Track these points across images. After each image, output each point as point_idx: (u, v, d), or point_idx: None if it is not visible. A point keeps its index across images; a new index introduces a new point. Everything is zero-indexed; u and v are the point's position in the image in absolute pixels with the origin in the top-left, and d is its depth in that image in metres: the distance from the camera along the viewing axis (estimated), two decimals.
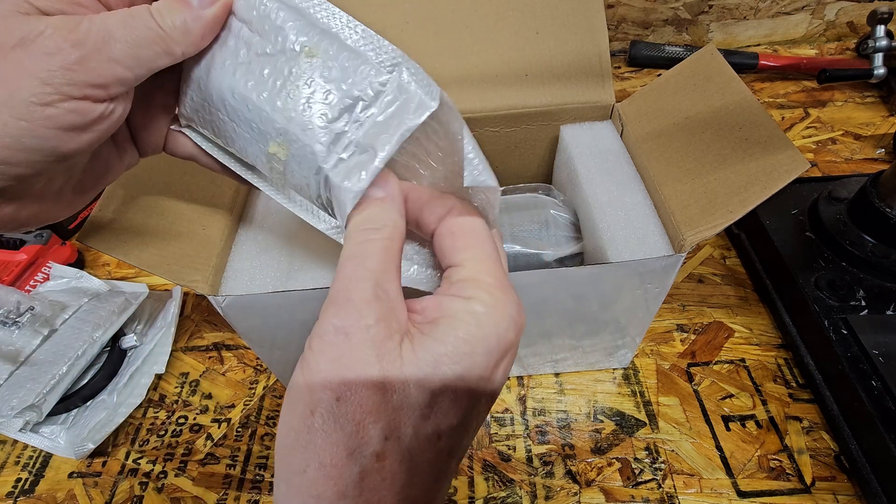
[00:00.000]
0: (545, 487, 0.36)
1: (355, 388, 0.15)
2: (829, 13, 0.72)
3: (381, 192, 0.18)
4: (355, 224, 0.18)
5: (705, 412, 0.39)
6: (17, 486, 0.39)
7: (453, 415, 0.17)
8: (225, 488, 0.38)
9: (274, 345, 0.36)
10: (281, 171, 0.21)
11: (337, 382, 0.15)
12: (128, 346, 0.44)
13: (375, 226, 0.18)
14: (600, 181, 0.36)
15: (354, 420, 0.15)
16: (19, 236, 0.51)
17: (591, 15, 0.39)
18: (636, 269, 0.31)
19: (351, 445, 0.15)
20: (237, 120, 0.21)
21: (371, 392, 0.15)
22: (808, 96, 0.66)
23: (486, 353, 0.17)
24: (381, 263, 0.17)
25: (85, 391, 0.41)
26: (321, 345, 0.16)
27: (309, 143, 0.19)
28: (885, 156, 0.57)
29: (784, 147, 0.29)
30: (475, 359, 0.17)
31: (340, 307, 0.16)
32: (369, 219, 0.18)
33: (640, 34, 0.76)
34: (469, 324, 0.17)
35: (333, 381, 0.15)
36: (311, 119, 0.19)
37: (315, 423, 0.15)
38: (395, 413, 0.16)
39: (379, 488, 0.16)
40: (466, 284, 0.18)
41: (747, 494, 0.35)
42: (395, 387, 0.16)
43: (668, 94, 0.37)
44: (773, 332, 0.44)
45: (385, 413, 0.16)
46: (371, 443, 0.15)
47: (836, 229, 0.43)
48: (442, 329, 0.17)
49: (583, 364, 0.42)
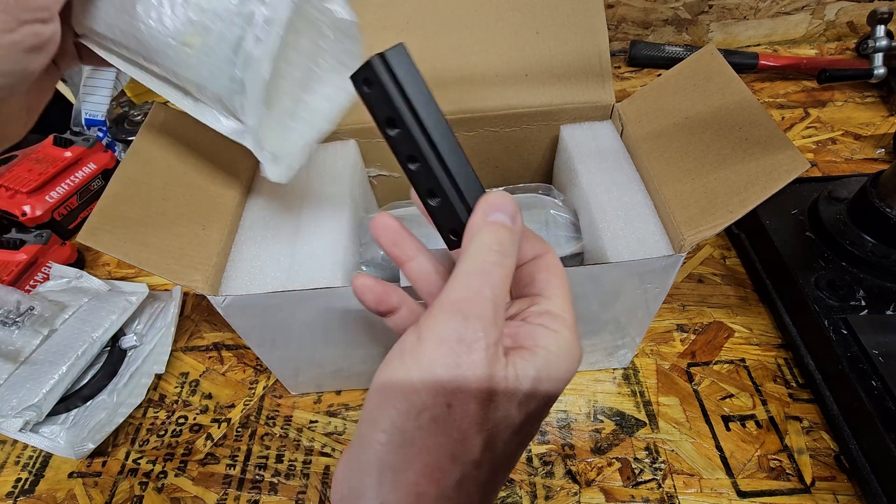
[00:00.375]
0: (545, 487, 0.36)
1: (467, 398, 0.16)
2: (829, 13, 0.72)
3: (510, 223, 0.20)
4: (487, 243, 0.19)
5: (705, 412, 0.39)
6: (17, 486, 0.39)
7: (529, 433, 0.19)
8: (225, 488, 0.38)
9: (274, 345, 0.36)
10: (192, 63, 0.23)
11: (451, 389, 0.16)
12: (128, 346, 0.44)
13: (505, 253, 0.19)
14: (600, 181, 0.36)
15: (461, 428, 0.17)
16: (19, 236, 0.51)
17: (591, 15, 0.39)
18: (636, 269, 0.31)
19: (455, 451, 0.17)
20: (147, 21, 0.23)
21: (480, 405, 0.17)
22: (808, 96, 0.66)
23: (563, 385, 0.19)
24: (501, 290, 0.18)
25: (85, 391, 0.41)
26: (440, 349, 0.17)
27: (224, 28, 0.22)
28: (885, 156, 0.57)
29: (784, 147, 0.29)
30: (557, 389, 0.19)
31: (469, 320, 0.17)
32: (501, 243, 0.19)
33: (640, 34, 0.76)
34: (560, 358, 0.19)
35: (448, 387, 0.16)
36: (225, 6, 0.22)
37: (422, 423, 0.16)
38: (496, 427, 0.17)
39: (471, 493, 0.17)
40: (556, 318, 0.20)
41: (747, 494, 0.35)
42: (500, 404, 0.17)
43: (668, 94, 0.37)
44: (773, 332, 0.44)
45: (487, 426, 0.17)
46: (473, 451, 0.17)
47: (836, 229, 0.43)
48: (540, 360, 0.18)
49: (583, 364, 0.42)
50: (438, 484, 0.16)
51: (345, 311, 0.32)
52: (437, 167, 0.19)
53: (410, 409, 0.16)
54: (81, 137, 0.58)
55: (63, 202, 0.55)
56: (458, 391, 0.16)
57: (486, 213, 0.19)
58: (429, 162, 0.19)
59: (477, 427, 0.17)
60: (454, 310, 0.17)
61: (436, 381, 0.16)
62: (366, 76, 0.18)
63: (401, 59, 0.18)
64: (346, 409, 0.42)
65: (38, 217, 0.53)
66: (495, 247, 0.19)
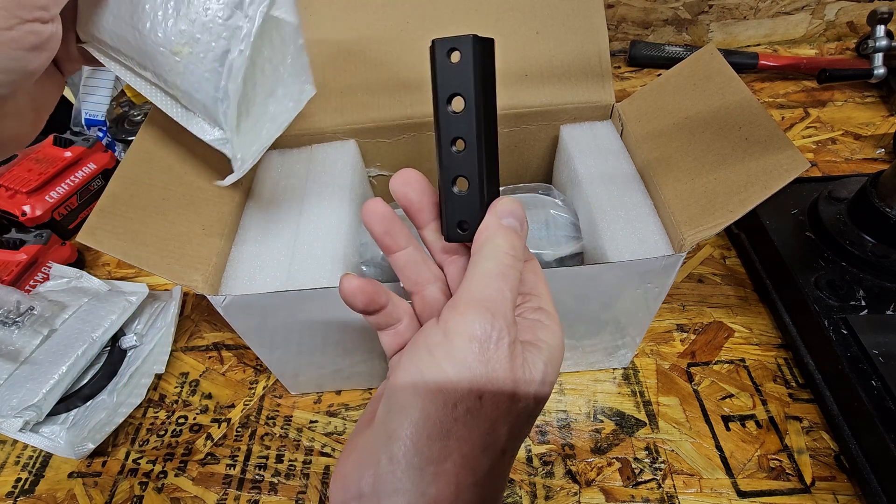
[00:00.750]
0: (545, 487, 0.36)
1: (496, 391, 0.18)
2: (829, 13, 0.72)
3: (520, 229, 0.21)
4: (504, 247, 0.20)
5: (705, 412, 0.39)
6: (17, 486, 0.39)
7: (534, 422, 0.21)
8: (225, 488, 0.38)
9: (274, 345, 0.36)
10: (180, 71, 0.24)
11: (483, 381, 0.17)
12: (128, 346, 0.44)
13: (519, 258, 0.20)
14: (600, 181, 0.36)
15: (490, 419, 0.18)
16: (19, 236, 0.51)
17: (591, 15, 0.39)
18: (636, 268, 0.31)
19: (486, 442, 0.18)
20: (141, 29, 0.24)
21: (506, 397, 0.18)
22: (808, 96, 0.66)
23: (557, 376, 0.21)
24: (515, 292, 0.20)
25: (85, 391, 0.41)
26: (472, 344, 0.18)
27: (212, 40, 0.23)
28: (884, 156, 0.57)
29: (784, 147, 0.29)
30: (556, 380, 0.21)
31: (496, 318, 0.18)
32: (516, 248, 0.20)
33: (640, 34, 0.76)
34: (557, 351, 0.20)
35: (480, 380, 0.17)
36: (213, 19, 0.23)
37: (458, 415, 0.17)
38: (517, 417, 0.19)
39: (497, 480, 0.19)
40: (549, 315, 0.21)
41: (747, 494, 0.35)
42: (521, 396, 0.18)
43: (668, 94, 0.37)
44: (773, 331, 0.44)
45: (511, 416, 0.18)
46: (500, 441, 0.18)
47: (836, 229, 0.43)
48: (545, 353, 0.20)
49: (583, 364, 0.42)
50: (474, 473, 0.17)
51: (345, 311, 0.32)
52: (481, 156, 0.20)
53: (447, 401, 0.17)
54: (81, 137, 0.58)
55: (63, 202, 0.55)
56: (488, 384, 0.17)
57: (500, 216, 0.20)
58: (476, 149, 0.20)
59: (504, 417, 0.18)
60: (482, 308, 0.18)
61: (471, 374, 0.17)
62: (454, 47, 0.19)
63: (489, 48, 0.20)
64: (346, 409, 0.42)
65: (38, 217, 0.53)
66: (511, 251, 0.20)
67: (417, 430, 0.17)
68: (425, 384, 0.18)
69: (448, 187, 0.21)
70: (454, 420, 0.17)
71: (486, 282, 0.19)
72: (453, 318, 0.18)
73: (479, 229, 0.20)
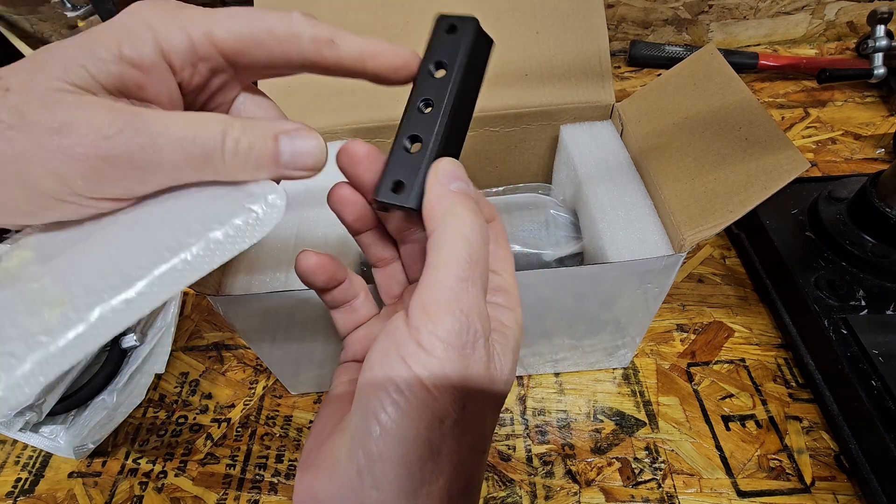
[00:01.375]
0: (545, 487, 0.36)
1: (477, 394, 0.17)
2: (829, 13, 0.72)
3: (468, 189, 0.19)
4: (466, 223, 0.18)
5: (705, 412, 0.39)
6: (17, 486, 0.39)
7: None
8: (225, 488, 0.38)
9: (274, 345, 0.36)
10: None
11: (464, 390, 0.17)
12: (128, 346, 0.44)
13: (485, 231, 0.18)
14: (600, 181, 0.36)
15: (474, 422, 0.17)
16: None
17: (591, 15, 0.39)
18: (636, 269, 0.31)
19: (475, 443, 0.18)
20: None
21: (486, 396, 0.18)
22: (808, 96, 0.66)
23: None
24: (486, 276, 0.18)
25: (85, 391, 0.41)
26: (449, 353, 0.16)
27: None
28: (884, 156, 0.57)
29: (784, 147, 0.29)
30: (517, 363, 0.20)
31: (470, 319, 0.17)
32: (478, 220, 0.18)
33: (640, 34, 0.76)
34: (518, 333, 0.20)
35: (462, 389, 0.17)
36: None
37: (445, 430, 0.16)
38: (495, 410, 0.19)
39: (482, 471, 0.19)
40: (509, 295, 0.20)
41: (747, 494, 0.35)
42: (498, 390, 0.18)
43: (668, 94, 0.37)
44: (773, 331, 0.44)
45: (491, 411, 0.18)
46: (487, 437, 0.19)
47: (836, 229, 0.43)
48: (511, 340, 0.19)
49: (583, 364, 0.42)
50: (465, 478, 0.17)
51: None
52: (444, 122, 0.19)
53: (433, 419, 0.16)
54: None
55: None
56: (471, 391, 0.17)
57: (446, 180, 0.18)
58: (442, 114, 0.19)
59: (485, 414, 0.18)
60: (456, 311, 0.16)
61: (452, 387, 0.16)
62: (454, 24, 0.20)
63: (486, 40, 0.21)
64: None
65: None
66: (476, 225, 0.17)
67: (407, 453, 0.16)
68: (406, 402, 0.16)
69: (399, 144, 0.19)
70: (443, 436, 0.16)
71: (455, 272, 0.17)
72: (426, 325, 0.16)
73: (430, 200, 0.18)
